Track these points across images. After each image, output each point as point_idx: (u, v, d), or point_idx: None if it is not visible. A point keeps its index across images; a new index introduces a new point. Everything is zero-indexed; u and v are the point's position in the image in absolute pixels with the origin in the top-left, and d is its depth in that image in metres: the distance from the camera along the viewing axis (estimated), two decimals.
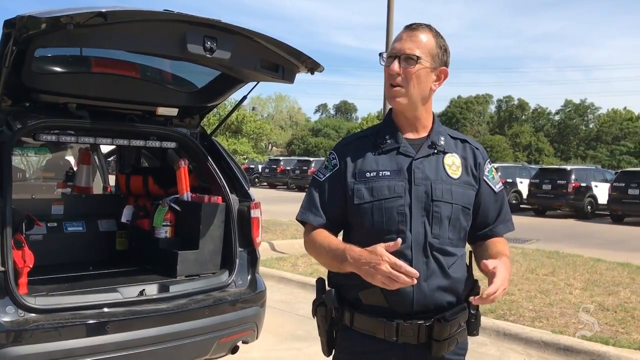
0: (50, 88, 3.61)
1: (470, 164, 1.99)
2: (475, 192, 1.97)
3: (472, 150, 2.02)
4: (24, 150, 7.52)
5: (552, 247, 10.87)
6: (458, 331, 1.88)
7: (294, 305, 6.47)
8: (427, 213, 1.86)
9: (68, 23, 2.66)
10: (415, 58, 1.87)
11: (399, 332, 1.83)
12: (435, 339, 1.83)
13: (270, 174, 33.39)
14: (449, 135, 2.02)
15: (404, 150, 1.93)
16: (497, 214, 2.02)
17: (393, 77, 1.88)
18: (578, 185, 19.72)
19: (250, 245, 4.14)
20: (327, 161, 2.01)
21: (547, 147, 68.59)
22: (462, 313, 1.89)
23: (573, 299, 6.52)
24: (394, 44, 1.91)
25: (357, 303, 1.89)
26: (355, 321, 1.89)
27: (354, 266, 1.75)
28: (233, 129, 18.30)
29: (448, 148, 1.97)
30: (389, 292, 1.79)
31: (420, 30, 1.91)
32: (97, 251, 4.53)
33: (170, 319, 3.45)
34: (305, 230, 2.01)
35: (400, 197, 1.86)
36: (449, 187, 1.90)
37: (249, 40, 3.36)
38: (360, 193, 1.90)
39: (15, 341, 2.97)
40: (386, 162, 1.92)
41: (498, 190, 2.02)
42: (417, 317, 1.84)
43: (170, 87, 4.21)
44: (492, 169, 2.04)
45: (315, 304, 2.02)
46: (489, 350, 5.14)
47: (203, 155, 4.20)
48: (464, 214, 1.92)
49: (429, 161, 1.92)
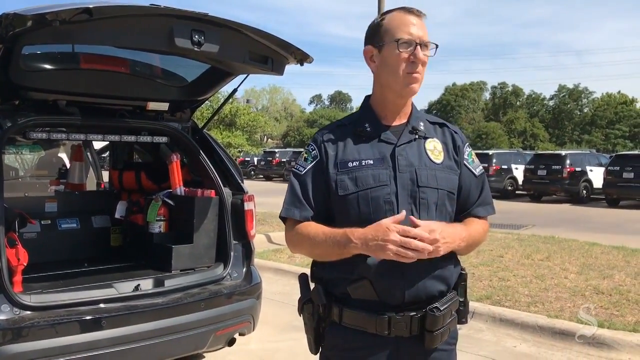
0: (40, 85, 3.60)
1: (451, 148, 1.96)
2: (457, 176, 1.94)
3: (450, 134, 1.99)
4: (17, 148, 7.50)
5: (548, 232, 10.91)
6: (450, 320, 1.86)
7: (291, 296, 6.48)
8: (413, 200, 1.83)
9: (54, 20, 2.66)
10: (431, 46, 1.85)
11: (391, 326, 1.79)
12: (429, 330, 1.80)
13: (265, 166, 33.40)
14: (427, 120, 1.99)
15: (385, 137, 1.89)
16: (478, 196, 1.99)
17: (416, 65, 1.82)
18: (573, 170, 19.76)
19: (245, 238, 4.15)
20: (306, 153, 1.95)
21: (542, 133, 68.67)
22: (453, 302, 1.87)
23: (568, 283, 6.56)
24: (407, 29, 1.83)
25: (346, 298, 1.83)
26: (344, 317, 1.84)
27: (362, 245, 1.71)
28: (227, 122, 18.27)
29: (428, 133, 1.94)
30: (378, 284, 1.77)
31: (424, 16, 1.88)
32: (91, 247, 4.54)
33: (166, 313, 3.46)
34: (287, 226, 1.94)
35: (385, 185, 1.82)
36: (433, 173, 1.87)
37: (237, 32, 3.36)
38: (344, 184, 1.85)
39: (11, 339, 2.98)
40: (368, 151, 1.87)
41: (478, 174, 1.99)
42: (408, 309, 1.80)
43: (160, 81, 4.21)
44: (472, 152, 2.01)
45: (302, 302, 1.95)
46: (485, 336, 5.17)
47: (195, 149, 4.21)
48: (449, 199, 1.90)
49: (411, 147, 1.89)
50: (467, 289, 1.97)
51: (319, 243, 1.83)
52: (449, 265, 1.87)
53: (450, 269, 1.88)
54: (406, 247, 1.66)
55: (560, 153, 21.74)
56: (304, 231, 1.88)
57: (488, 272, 7.11)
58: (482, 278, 6.77)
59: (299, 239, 1.90)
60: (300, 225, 1.89)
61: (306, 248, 1.91)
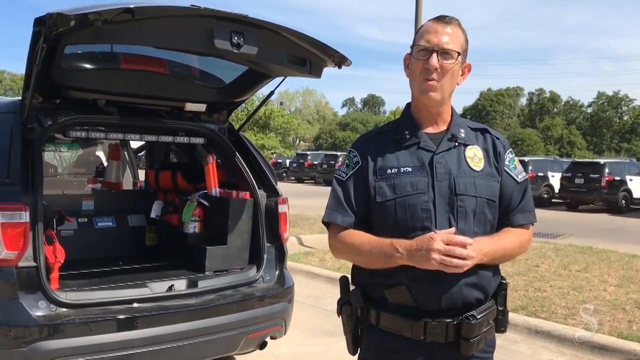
0: (80, 85, 3.64)
1: (492, 154, 1.94)
2: (499, 184, 1.92)
3: (492, 140, 1.97)
4: (56, 146, 7.64)
5: (585, 242, 10.65)
6: (486, 329, 1.84)
7: (321, 300, 6.45)
8: (451, 208, 1.83)
9: (96, 19, 2.68)
10: (453, 54, 1.83)
11: (427, 331, 1.79)
12: (464, 337, 1.79)
13: (297, 169, 33.48)
14: (468, 127, 1.97)
15: (425, 145, 1.89)
16: (518, 203, 1.96)
17: (429, 72, 1.83)
18: (612, 179, 19.28)
19: (278, 241, 4.13)
20: (347, 159, 1.97)
21: (579, 140, 67.27)
22: (490, 311, 1.86)
23: (608, 296, 6.37)
24: (427, 37, 1.85)
25: (383, 302, 1.85)
26: (381, 320, 1.86)
27: (407, 256, 1.72)
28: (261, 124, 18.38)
29: (469, 140, 1.93)
30: (415, 290, 1.78)
31: (454, 24, 1.87)
32: (126, 246, 4.58)
33: (199, 315, 3.46)
34: (331, 232, 1.96)
35: (423, 193, 1.83)
36: (472, 180, 1.86)
37: (276, 34, 3.34)
38: (382, 190, 1.86)
39: (47, 335, 3.01)
40: (407, 158, 1.88)
41: (521, 180, 1.96)
42: (444, 316, 1.80)
43: (198, 83, 4.22)
44: (514, 158, 1.98)
45: (340, 303, 1.99)
46: (520, 347, 5.05)
47: (231, 150, 4.20)
48: (489, 207, 1.88)
49: (450, 155, 1.88)
50: (506, 298, 1.96)
51: (363, 252, 1.85)
52: (487, 274, 1.86)
53: (488, 277, 1.87)
54: (450, 255, 1.66)
55: (599, 161, 21.24)
56: (347, 240, 1.90)
57: (523, 281, 6.95)
58: (518, 288, 6.63)
59: (343, 247, 1.92)
60: (344, 233, 1.91)
61: (350, 256, 1.93)
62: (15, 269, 3.03)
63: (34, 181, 3.23)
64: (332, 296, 6.89)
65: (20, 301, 3.01)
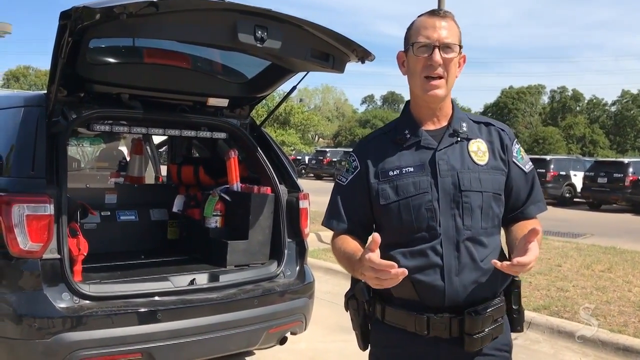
0: (104, 79, 3.66)
1: (497, 147, 1.91)
2: (505, 177, 1.89)
3: (497, 132, 1.94)
4: (79, 140, 7.72)
5: (608, 242, 10.48)
6: (493, 327, 1.82)
7: (340, 296, 6.34)
8: (456, 205, 1.81)
9: (121, 13, 2.69)
10: (454, 47, 1.81)
11: (430, 326, 1.79)
12: (468, 333, 1.78)
13: (316, 165, 33.46)
14: (471, 120, 1.94)
15: (425, 143, 1.87)
16: (528, 194, 1.93)
17: (433, 68, 1.79)
18: (636, 178, 18.92)
19: (299, 236, 4.12)
20: (347, 164, 1.97)
21: (602, 139, 66.25)
22: (496, 308, 1.83)
23: (632, 297, 6.26)
24: (425, 33, 1.80)
25: (389, 296, 1.85)
26: (386, 314, 1.87)
27: (357, 274, 1.74)
28: (281, 120, 18.40)
29: (471, 134, 1.90)
30: (420, 285, 1.78)
31: (450, 17, 1.85)
32: (148, 240, 4.60)
33: (221, 309, 3.47)
34: (333, 234, 2.00)
35: (426, 192, 1.81)
36: (476, 175, 1.83)
37: (299, 29, 3.32)
38: (386, 193, 1.85)
39: (70, 327, 3.04)
40: (408, 158, 1.86)
41: (528, 170, 1.93)
42: (448, 311, 1.79)
43: (220, 77, 4.22)
44: (520, 148, 1.96)
45: (347, 297, 2.00)
46: (543, 347, 4.98)
47: (253, 146, 4.21)
48: (495, 201, 1.86)
49: (453, 150, 1.86)
50: (520, 297, 1.94)
51: (339, 259, 1.91)
52: (495, 273, 1.80)
53: (496, 275, 1.82)
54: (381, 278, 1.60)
55: (623, 160, 20.89)
56: (335, 244, 1.94)
57: (545, 281, 6.86)
58: (540, 287, 6.54)
59: (334, 251, 1.97)
60: (336, 239, 1.95)
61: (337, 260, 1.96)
62: (39, 261, 3.06)
63: (58, 174, 3.26)
64: None
65: (45, 293, 3.04)
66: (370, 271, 1.60)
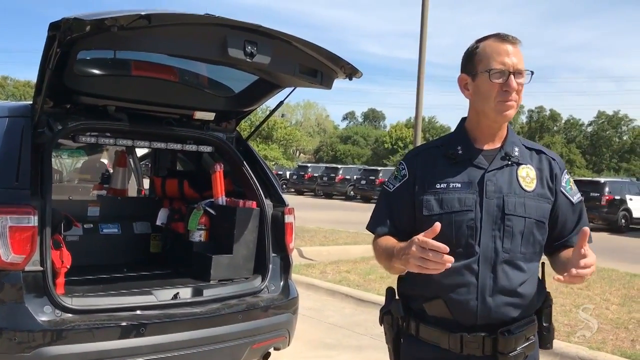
0: (91, 90, 3.63)
1: (546, 175, 1.93)
2: (551, 205, 1.91)
3: (548, 161, 1.96)
4: (61, 152, 7.64)
5: None
6: (526, 345, 1.85)
7: (322, 312, 6.42)
8: (498, 227, 1.83)
9: (112, 25, 2.68)
10: (524, 73, 1.84)
11: (463, 344, 1.82)
12: (501, 352, 1.81)
13: (297, 181, 33.36)
14: (523, 145, 1.97)
15: (477, 162, 1.89)
16: (575, 224, 1.96)
17: (509, 94, 1.82)
18: (612, 198, 19.30)
19: (284, 251, 4.11)
20: (396, 171, 2.00)
21: (578, 159, 67.34)
22: (529, 326, 1.86)
23: (610, 314, 6.35)
24: (500, 59, 1.82)
25: (423, 314, 1.90)
26: (420, 331, 1.90)
27: (397, 258, 1.74)
28: (264, 134, 18.39)
29: (522, 159, 1.92)
30: (452, 304, 1.81)
31: (519, 42, 1.88)
32: (131, 253, 4.56)
33: (205, 323, 3.44)
34: (374, 238, 2.02)
35: (470, 210, 1.84)
36: (522, 200, 1.86)
37: (289, 45, 3.35)
38: (430, 204, 1.87)
39: (51, 341, 2.98)
40: (457, 174, 1.88)
41: (576, 202, 1.96)
42: (481, 330, 1.82)
43: (207, 91, 4.22)
44: (570, 179, 1.99)
45: (382, 312, 2.04)
46: None
47: (239, 159, 4.20)
48: (538, 228, 1.87)
49: (502, 173, 1.88)
50: (551, 314, 1.97)
51: (379, 256, 1.94)
52: (528, 292, 1.86)
53: (529, 295, 1.86)
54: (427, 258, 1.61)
55: (599, 180, 21.28)
56: (377, 244, 1.97)
57: None
58: None
59: (375, 252, 1.99)
60: (377, 240, 1.97)
61: (378, 260, 1.98)
62: (22, 273, 3.01)
63: (42, 185, 3.22)
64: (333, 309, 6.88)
65: (26, 306, 2.98)
66: (419, 251, 1.60)
